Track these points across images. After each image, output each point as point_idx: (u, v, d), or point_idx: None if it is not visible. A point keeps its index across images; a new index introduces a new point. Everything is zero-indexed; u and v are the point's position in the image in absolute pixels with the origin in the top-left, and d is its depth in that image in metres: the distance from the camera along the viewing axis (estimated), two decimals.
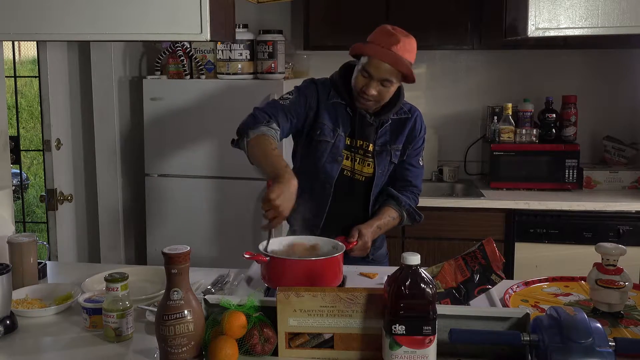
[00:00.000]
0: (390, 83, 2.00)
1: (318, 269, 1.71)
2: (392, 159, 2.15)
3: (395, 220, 2.15)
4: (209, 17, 1.60)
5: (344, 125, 2.11)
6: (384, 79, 1.99)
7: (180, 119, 3.34)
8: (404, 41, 1.98)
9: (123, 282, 1.54)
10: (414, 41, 2.02)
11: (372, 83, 2.00)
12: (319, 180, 2.13)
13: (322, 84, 2.15)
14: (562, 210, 3.13)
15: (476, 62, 3.75)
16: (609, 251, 1.66)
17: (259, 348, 1.39)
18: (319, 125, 2.10)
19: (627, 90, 3.64)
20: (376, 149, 2.13)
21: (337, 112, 2.11)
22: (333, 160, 2.11)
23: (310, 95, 2.11)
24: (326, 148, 2.11)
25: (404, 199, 2.15)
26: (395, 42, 1.96)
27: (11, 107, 3.57)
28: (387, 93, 2.04)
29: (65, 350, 1.52)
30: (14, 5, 1.65)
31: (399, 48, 1.96)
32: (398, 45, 1.96)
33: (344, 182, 2.14)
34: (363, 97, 2.03)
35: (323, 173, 2.12)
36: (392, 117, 2.14)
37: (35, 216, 6.30)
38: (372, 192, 2.16)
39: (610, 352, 1.22)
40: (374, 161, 2.13)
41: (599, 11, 1.55)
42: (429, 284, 1.30)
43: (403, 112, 2.17)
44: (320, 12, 3.47)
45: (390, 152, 2.14)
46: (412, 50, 2.01)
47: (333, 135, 2.10)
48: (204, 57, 3.48)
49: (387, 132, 2.14)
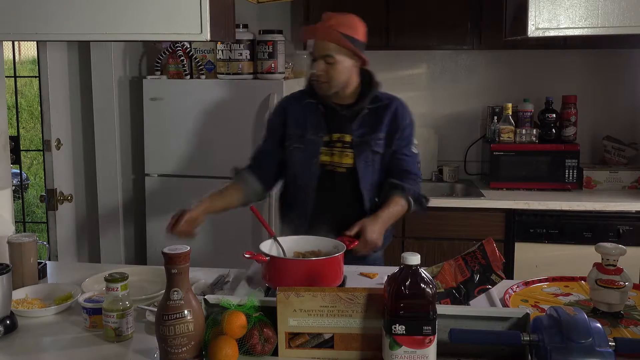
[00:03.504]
0: (333, 58, 2.07)
1: (318, 269, 1.71)
2: (375, 148, 2.16)
3: (404, 207, 2.11)
4: (209, 17, 1.60)
5: (318, 125, 2.17)
6: (324, 55, 2.07)
7: (180, 119, 3.34)
8: (337, 16, 2.10)
9: (123, 282, 1.54)
10: (356, 19, 2.12)
11: (317, 63, 2.09)
12: (298, 186, 2.20)
13: (292, 96, 2.29)
14: (562, 210, 3.13)
15: (476, 62, 3.75)
16: (609, 251, 1.66)
17: (259, 348, 1.39)
18: (288, 136, 2.21)
19: (627, 90, 3.64)
20: (355, 140, 2.15)
21: (309, 113, 2.18)
22: (308, 164, 2.17)
23: (277, 118, 2.26)
24: (298, 154, 2.18)
25: (407, 186, 2.14)
26: (327, 19, 2.09)
27: (11, 107, 3.56)
28: (334, 71, 2.08)
29: (65, 350, 1.52)
30: (14, 5, 1.65)
31: (331, 22, 2.08)
32: (330, 21, 2.08)
33: (325, 178, 2.17)
34: (317, 81, 2.12)
35: (300, 178, 2.19)
36: (369, 107, 2.17)
37: (35, 216, 6.30)
38: (361, 185, 2.15)
39: (610, 352, 1.22)
40: (353, 152, 2.15)
41: (599, 11, 1.55)
42: (429, 284, 1.30)
43: (380, 102, 2.19)
44: (320, 12, 3.43)
45: (370, 142, 2.15)
46: (351, 26, 2.09)
47: (302, 141, 2.17)
48: (204, 57, 3.48)
49: (365, 122, 2.17)
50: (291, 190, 2.26)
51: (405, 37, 3.43)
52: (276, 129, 2.25)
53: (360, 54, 2.10)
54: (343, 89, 2.14)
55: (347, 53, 2.08)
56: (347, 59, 2.09)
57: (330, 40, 2.06)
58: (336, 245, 1.85)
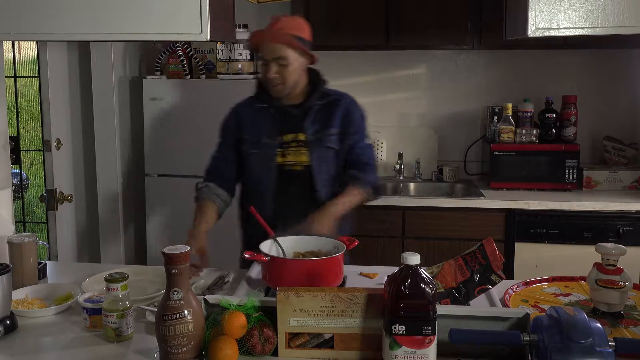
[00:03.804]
0: (286, 60, 2.11)
1: (318, 269, 1.71)
2: (328, 144, 2.20)
3: (361, 195, 2.18)
4: (209, 17, 1.60)
5: (269, 129, 2.20)
6: (277, 57, 2.11)
7: (180, 119, 3.34)
8: (285, 19, 2.14)
9: (123, 282, 1.54)
10: (302, 20, 2.18)
11: (269, 66, 2.12)
12: (258, 190, 2.23)
13: (243, 104, 2.31)
14: (562, 210, 3.13)
15: (476, 62, 3.75)
16: (609, 251, 1.66)
17: (259, 348, 1.39)
18: (244, 141, 2.24)
19: (627, 90, 3.64)
20: (309, 137, 2.19)
21: (261, 118, 2.22)
22: (266, 168, 2.20)
23: (231, 124, 2.28)
24: (255, 159, 2.22)
25: (364, 176, 2.20)
26: (275, 21, 2.13)
27: (11, 107, 3.57)
28: (287, 72, 2.13)
29: (65, 350, 1.52)
30: (14, 5, 1.65)
31: (280, 25, 2.11)
32: (278, 24, 2.12)
33: (283, 178, 2.20)
34: (271, 84, 2.15)
35: (259, 183, 2.22)
36: (318, 103, 2.21)
37: (35, 216, 6.30)
38: (316, 181, 2.19)
39: (610, 352, 1.22)
40: (308, 149, 2.18)
41: (599, 11, 1.55)
42: (429, 284, 1.29)
43: (329, 97, 2.24)
44: (320, 12, 3.47)
45: (323, 139, 2.20)
46: (298, 27, 2.15)
47: (258, 146, 2.21)
48: (204, 57, 3.48)
49: (317, 119, 2.21)
50: (250, 195, 2.28)
51: (405, 37, 3.43)
52: (231, 135, 2.27)
53: (310, 52, 2.17)
54: (294, 88, 2.19)
55: (298, 53, 2.14)
56: (298, 59, 2.15)
57: (282, 43, 2.11)
58: (336, 245, 1.85)
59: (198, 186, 2.26)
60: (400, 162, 3.70)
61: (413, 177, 3.71)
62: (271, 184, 2.20)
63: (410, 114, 3.85)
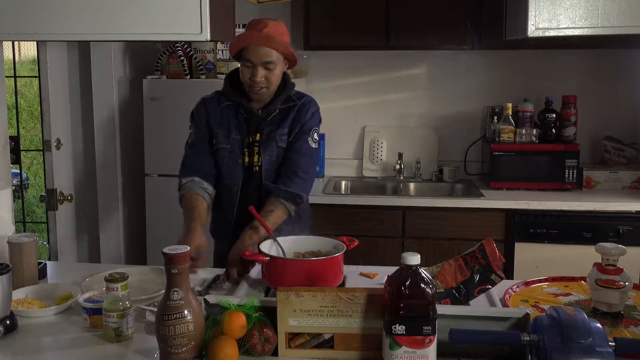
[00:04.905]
0: (273, 64, 2.11)
1: (318, 269, 1.71)
2: (279, 144, 2.21)
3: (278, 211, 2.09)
4: (209, 17, 1.60)
5: (238, 127, 2.21)
6: (265, 61, 2.10)
7: (180, 119, 3.32)
8: (273, 24, 2.12)
9: (123, 282, 1.54)
10: (283, 24, 2.17)
11: (256, 70, 2.11)
12: (224, 185, 2.23)
13: (211, 98, 2.28)
14: (562, 210, 3.13)
15: (476, 62, 3.75)
16: (609, 251, 1.66)
17: (259, 348, 1.39)
18: (214, 135, 2.23)
19: (627, 90, 3.64)
20: (263, 137, 2.20)
21: (229, 116, 2.22)
22: (234, 164, 2.21)
23: (202, 116, 2.25)
24: (225, 154, 2.21)
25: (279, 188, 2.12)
26: (264, 26, 2.10)
27: (11, 107, 3.56)
28: (273, 76, 2.13)
29: (65, 350, 1.52)
30: (14, 5, 1.65)
31: (270, 30, 2.10)
32: (268, 28, 2.10)
33: (249, 178, 2.22)
34: (254, 88, 2.14)
35: (227, 178, 2.23)
36: (280, 107, 2.22)
37: (35, 216, 6.30)
38: (264, 180, 2.20)
39: (610, 352, 1.22)
40: (259, 149, 2.20)
41: (599, 11, 1.55)
42: (429, 284, 1.29)
43: (291, 101, 2.25)
44: (320, 12, 3.48)
45: (276, 138, 2.20)
46: (284, 33, 2.15)
47: (229, 141, 2.20)
48: (204, 57, 3.48)
49: (274, 121, 2.22)
50: (217, 189, 2.27)
51: (405, 37, 3.43)
52: (204, 127, 2.25)
53: (295, 58, 2.18)
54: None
55: (282, 58, 2.15)
56: (282, 63, 2.17)
57: (274, 47, 2.10)
58: (336, 245, 1.85)
59: (182, 182, 2.20)
60: (400, 162, 3.70)
61: (413, 177, 3.72)
62: (238, 180, 2.21)
63: (410, 114, 3.85)
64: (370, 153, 3.84)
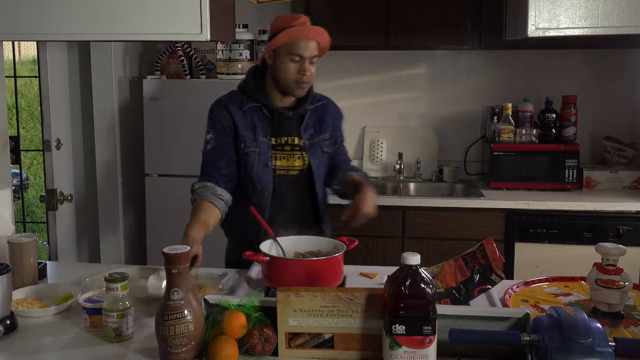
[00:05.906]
0: (317, 58, 2.10)
1: (318, 269, 1.71)
2: (324, 149, 2.21)
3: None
4: (209, 17, 1.60)
5: (263, 129, 2.14)
6: (314, 55, 2.07)
7: (180, 119, 3.34)
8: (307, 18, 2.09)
9: (123, 282, 1.54)
10: None
11: (306, 64, 2.06)
12: (255, 190, 2.15)
13: (229, 99, 2.18)
14: (562, 210, 3.13)
15: (476, 62, 3.75)
16: (609, 251, 1.66)
17: (259, 348, 1.39)
18: (241, 139, 2.13)
19: (627, 90, 3.64)
20: (305, 142, 2.16)
21: (254, 118, 2.14)
22: (264, 167, 2.14)
23: (225, 120, 2.14)
24: (254, 157, 2.13)
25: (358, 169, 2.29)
26: (305, 20, 2.07)
27: (11, 107, 3.56)
28: (314, 72, 2.11)
29: (65, 350, 1.52)
30: (14, 5, 1.65)
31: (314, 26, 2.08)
32: (308, 22, 2.07)
33: (278, 182, 2.16)
34: (302, 84, 2.09)
35: (258, 183, 2.14)
36: (309, 108, 2.19)
37: (35, 216, 6.30)
38: (316, 186, 2.18)
39: (610, 352, 1.22)
40: (307, 154, 2.17)
41: (599, 11, 1.55)
42: (429, 284, 1.29)
43: (317, 100, 2.23)
44: (321, 12, 3.47)
45: (320, 143, 2.20)
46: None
47: (256, 144, 2.13)
48: (204, 57, 3.49)
49: (309, 124, 2.19)
50: (246, 194, 2.16)
51: (405, 37, 3.43)
52: (227, 132, 2.14)
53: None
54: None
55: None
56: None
57: (323, 43, 2.09)
58: (336, 245, 1.85)
59: (194, 187, 2.11)
60: (400, 162, 3.70)
61: (413, 177, 3.72)
62: (269, 184, 2.14)
63: (410, 114, 3.85)
64: (370, 153, 3.84)
